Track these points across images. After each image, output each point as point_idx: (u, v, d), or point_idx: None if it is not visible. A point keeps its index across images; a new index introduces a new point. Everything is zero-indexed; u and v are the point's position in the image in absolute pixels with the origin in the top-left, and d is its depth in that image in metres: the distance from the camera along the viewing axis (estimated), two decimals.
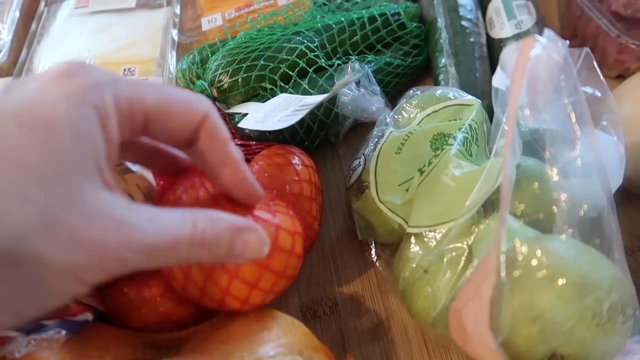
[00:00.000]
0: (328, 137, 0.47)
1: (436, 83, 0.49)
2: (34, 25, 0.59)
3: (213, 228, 0.22)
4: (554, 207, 0.26)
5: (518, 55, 0.24)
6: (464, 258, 0.31)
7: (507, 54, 0.29)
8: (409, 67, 0.51)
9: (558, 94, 0.25)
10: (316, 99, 0.40)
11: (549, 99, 0.25)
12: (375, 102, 0.44)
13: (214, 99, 0.46)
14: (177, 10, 0.60)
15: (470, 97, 0.41)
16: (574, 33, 0.56)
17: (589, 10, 0.50)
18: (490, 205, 0.32)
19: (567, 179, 0.26)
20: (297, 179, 0.36)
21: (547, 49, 0.24)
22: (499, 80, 0.31)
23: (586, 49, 0.30)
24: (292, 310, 0.39)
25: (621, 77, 0.52)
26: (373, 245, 0.39)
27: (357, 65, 0.45)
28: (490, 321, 0.22)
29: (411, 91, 0.43)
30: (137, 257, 0.20)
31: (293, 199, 0.35)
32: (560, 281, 0.23)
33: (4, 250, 0.17)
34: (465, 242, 0.31)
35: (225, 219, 0.23)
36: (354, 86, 0.44)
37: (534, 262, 0.23)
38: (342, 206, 0.45)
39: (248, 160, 0.38)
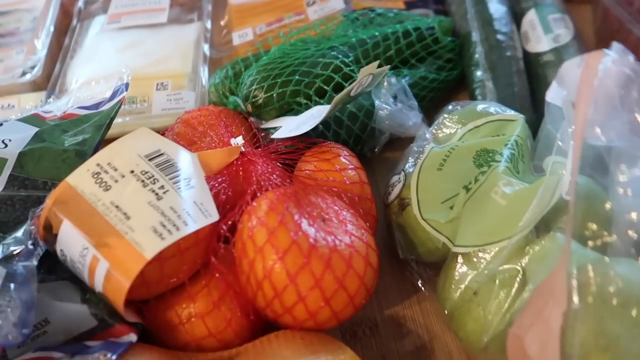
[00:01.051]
0: (364, 152, 0.46)
1: (472, 97, 0.49)
2: (67, 41, 0.59)
3: None
4: (628, 231, 0.24)
5: (584, 70, 0.23)
6: (518, 280, 0.29)
7: (569, 69, 0.28)
8: (443, 81, 0.50)
9: (626, 108, 0.24)
10: (339, 95, 0.39)
11: (615, 114, 0.24)
12: (412, 117, 0.43)
13: (248, 114, 0.46)
14: (208, 25, 0.60)
15: (512, 112, 0.40)
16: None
17: (629, 22, 0.49)
18: (542, 225, 0.31)
19: (638, 197, 0.24)
20: (358, 181, 0.36)
21: (616, 62, 0.23)
22: (553, 95, 0.30)
23: None
24: (331, 331, 0.38)
25: None
26: (415, 264, 0.38)
27: (393, 79, 0.44)
28: (561, 350, 0.21)
29: (450, 106, 0.42)
30: None
31: (353, 202, 0.34)
32: (635, 309, 0.22)
33: None
34: (518, 264, 0.30)
35: None
36: (392, 100, 0.43)
37: (610, 288, 0.22)
38: (380, 222, 0.44)
39: (291, 166, 0.38)
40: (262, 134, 0.44)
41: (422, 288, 0.38)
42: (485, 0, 0.54)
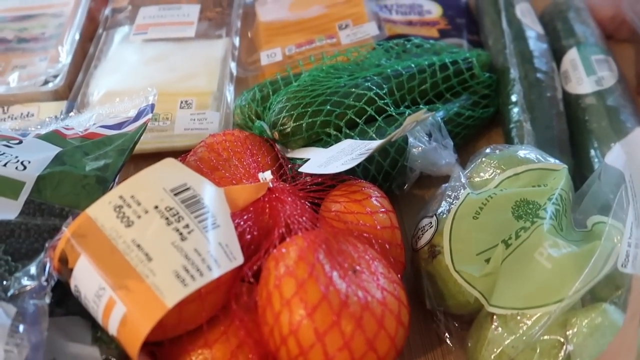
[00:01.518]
0: (392, 188, 0.44)
1: (508, 138, 0.46)
2: (91, 49, 0.58)
3: None
4: None
5: None
6: (562, 353, 0.27)
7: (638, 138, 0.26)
8: (478, 118, 0.48)
9: None
10: (381, 141, 0.38)
11: None
12: (446, 156, 0.41)
13: (274, 141, 0.44)
14: (236, 42, 0.59)
15: (555, 161, 0.38)
16: None
17: None
18: (588, 294, 0.29)
19: None
20: (389, 225, 0.34)
21: None
22: (614, 158, 0.28)
23: None
24: None
25: None
26: (442, 315, 0.36)
27: (431, 114, 0.42)
28: None
29: (488, 149, 0.40)
30: None
31: (383, 250, 0.32)
32: None
33: None
34: (562, 334, 0.28)
35: None
36: (426, 138, 0.41)
37: None
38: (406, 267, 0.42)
39: (317, 205, 0.36)
40: (289, 165, 0.42)
41: (449, 342, 0.36)
42: (525, 36, 0.52)
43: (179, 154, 0.42)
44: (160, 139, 0.49)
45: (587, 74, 0.48)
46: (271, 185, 0.34)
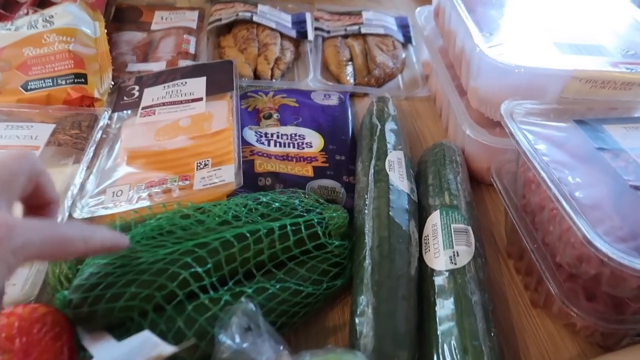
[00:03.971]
0: None
1: (351, 328, 0.41)
2: None
3: None
4: None
5: None
6: None
7: None
8: (321, 294, 0.43)
9: None
10: (169, 349, 0.32)
11: None
12: (266, 351, 0.35)
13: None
14: (82, 173, 0.53)
15: None
16: (520, 254, 0.50)
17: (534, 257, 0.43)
18: None
19: None
20: None
21: None
22: None
23: None
24: None
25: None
26: None
27: (250, 306, 0.37)
28: None
29: (307, 357, 0.35)
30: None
31: None
32: None
33: None
34: None
35: None
36: (238, 334, 0.36)
37: None
38: None
39: None
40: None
41: None
42: (387, 194, 0.49)
43: None
44: None
45: (444, 246, 0.45)
46: None
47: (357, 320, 0.41)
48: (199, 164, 0.53)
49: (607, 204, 0.38)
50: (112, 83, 0.66)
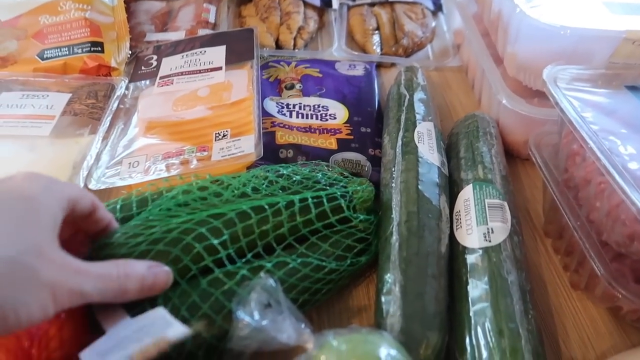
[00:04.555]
0: None
1: (377, 307, 0.38)
2: None
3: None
4: None
5: None
6: None
7: None
8: (345, 270, 0.41)
9: None
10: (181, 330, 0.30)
11: None
12: (287, 329, 0.33)
13: None
14: (98, 143, 0.51)
15: None
16: (560, 233, 0.47)
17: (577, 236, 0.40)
18: None
19: None
20: None
21: None
22: None
23: None
24: None
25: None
26: None
27: (270, 281, 0.34)
28: None
29: (329, 336, 0.32)
30: (88, 288, 0.29)
31: None
32: None
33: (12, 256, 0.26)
34: None
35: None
36: (257, 311, 0.33)
37: None
38: None
39: None
40: None
41: None
42: (416, 167, 0.46)
43: None
44: None
45: (477, 222, 0.42)
46: None
47: (383, 299, 0.38)
48: (217, 135, 0.50)
49: None
50: (130, 53, 0.64)
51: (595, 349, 0.40)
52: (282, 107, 0.58)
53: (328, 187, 0.43)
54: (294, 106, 0.59)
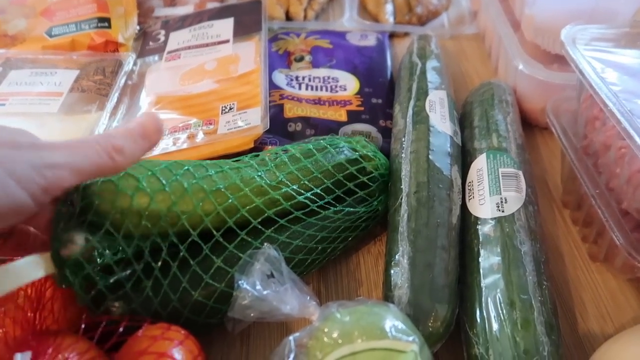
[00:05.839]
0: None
1: (385, 279, 0.38)
2: None
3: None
4: None
5: None
6: None
7: None
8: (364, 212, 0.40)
9: None
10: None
11: None
12: (289, 300, 0.33)
13: None
14: (105, 119, 0.51)
15: (407, 339, 0.29)
16: (578, 203, 0.45)
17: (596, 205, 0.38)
18: None
19: None
20: None
21: None
22: None
23: None
24: None
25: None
26: None
27: (273, 252, 0.34)
28: None
29: (333, 308, 0.32)
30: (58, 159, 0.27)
31: None
32: None
33: None
34: None
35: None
36: (259, 281, 0.33)
37: None
38: None
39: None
40: None
41: None
42: (427, 137, 0.44)
43: None
44: None
45: (490, 192, 0.40)
46: None
47: (391, 271, 0.37)
48: (223, 108, 0.50)
49: None
50: (138, 28, 0.63)
51: (614, 322, 0.39)
52: (291, 80, 0.57)
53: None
54: (303, 78, 0.58)
